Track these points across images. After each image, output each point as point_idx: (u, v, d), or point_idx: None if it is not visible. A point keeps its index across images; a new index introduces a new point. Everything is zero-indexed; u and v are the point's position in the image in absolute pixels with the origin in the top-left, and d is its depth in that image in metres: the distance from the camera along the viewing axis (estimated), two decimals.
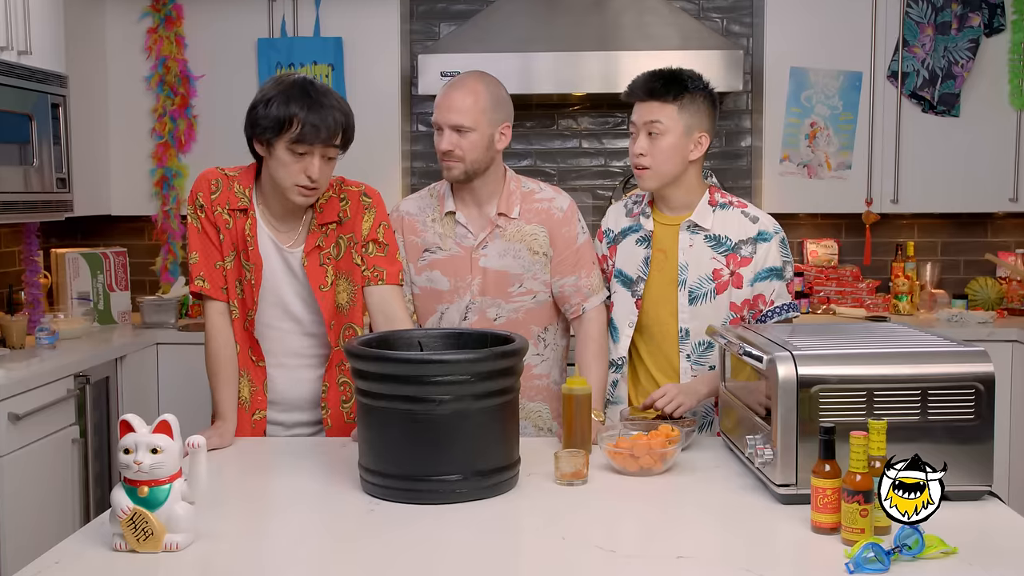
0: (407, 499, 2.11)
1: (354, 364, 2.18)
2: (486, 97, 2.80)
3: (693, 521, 2.08)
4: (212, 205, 2.68)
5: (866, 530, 1.83)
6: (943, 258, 5.07)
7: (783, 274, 2.76)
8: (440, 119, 2.80)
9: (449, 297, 2.89)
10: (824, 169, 4.69)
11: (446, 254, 2.89)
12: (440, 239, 2.89)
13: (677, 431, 2.40)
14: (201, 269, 2.70)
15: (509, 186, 2.89)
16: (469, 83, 2.81)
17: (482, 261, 2.87)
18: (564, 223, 2.88)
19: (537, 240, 2.87)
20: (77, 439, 3.76)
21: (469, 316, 2.88)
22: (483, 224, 2.88)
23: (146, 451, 1.82)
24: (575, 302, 2.90)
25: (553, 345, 2.98)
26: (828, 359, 2.09)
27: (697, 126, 2.74)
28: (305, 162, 2.55)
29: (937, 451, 2.02)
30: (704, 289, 2.76)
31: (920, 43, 4.62)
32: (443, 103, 2.80)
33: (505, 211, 2.86)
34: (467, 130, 2.77)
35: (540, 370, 2.95)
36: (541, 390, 2.96)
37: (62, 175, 4.06)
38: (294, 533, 1.98)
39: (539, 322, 2.93)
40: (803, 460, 2.04)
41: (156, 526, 1.82)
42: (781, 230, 2.78)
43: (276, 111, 2.53)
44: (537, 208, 2.89)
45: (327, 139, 2.55)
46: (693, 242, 2.77)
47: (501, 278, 2.87)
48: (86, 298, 4.56)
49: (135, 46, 4.80)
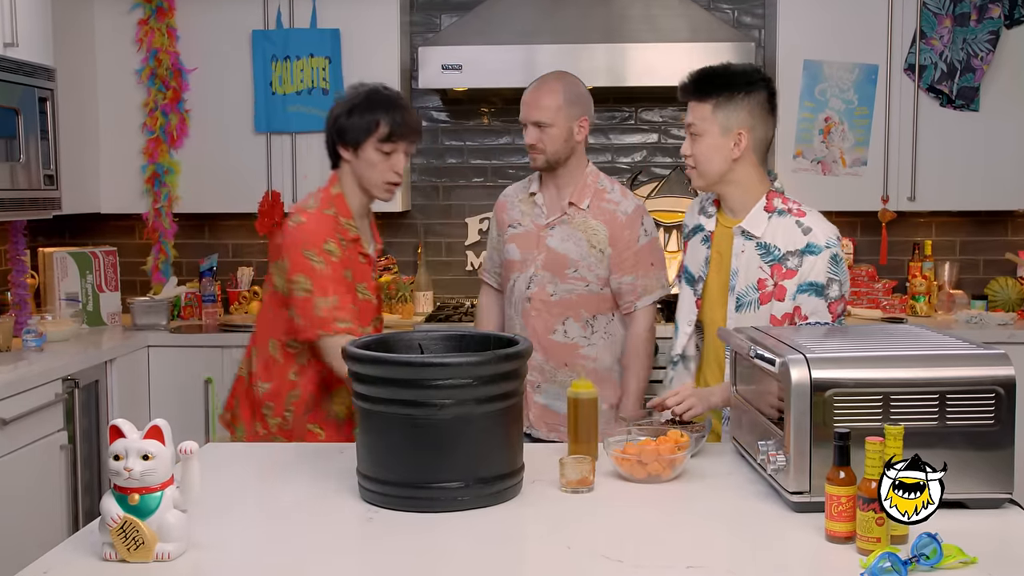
0: (407, 507, 2.11)
1: (352, 367, 2.18)
2: (564, 95, 3.26)
3: (703, 530, 2.08)
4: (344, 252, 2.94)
5: (882, 539, 1.83)
6: (962, 257, 5.07)
7: (824, 291, 2.64)
8: (524, 116, 3.29)
9: (519, 267, 3.37)
10: (839, 165, 4.69)
11: (522, 229, 3.39)
12: (521, 216, 3.41)
13: (686, 436, 2.40)
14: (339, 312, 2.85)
15: (586, 179, 3.33)
16: (549, 82, 3.31)
17: (548, 240, 3.33)
18: (626, 226, 3.30)
19: (597, 236, 3.29)
20: (65, 445, 3.76)
21: (532, 287, 3.34)
22: (556, 208, 3.35)
23: (137, 457, 1.82)
24: (629, 299, 3.32)
25: (602, 332, 3.35)
26: (843, 362, 2.09)
27: (736, 124, 2.70)
28: (392, 160, 2.95)
29: (956, 457, 2.02)
30: (749, 298, 2.73)
31: (938, 35, 4.62)
32: (527, 101, 3.30)
33: (576, 201, 3.31)
34: (547, 125, 3.24)
35: (586, 351, 3.34)
36: (588, 370, 3.30)
37: (50, 172, 4.06)
38: (290, 542, 1.98)
39: (589, 308, 3.32)
40: (817, 467, 2.04)
41: (147, 535, 1.82)
42: (836, 245, 2.66)
43: (361, 117, 2.92)
44: (604, 207, 3.31)
45: (411, 136, 2.97)
46: (745, 248, 2.75)
47: (560, 259, 3.30)
48: (74, 299, 4.56)
49: (125, 38, 4.81)
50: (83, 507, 3.88)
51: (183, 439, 1.87)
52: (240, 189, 4.80)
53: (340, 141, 2.97)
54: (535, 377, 3.33)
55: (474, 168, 5.18)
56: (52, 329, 4.21)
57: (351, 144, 2.95)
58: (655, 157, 5.14)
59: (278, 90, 4.74)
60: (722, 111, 2.70)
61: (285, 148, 4.79)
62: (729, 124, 2.70)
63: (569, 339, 3.32)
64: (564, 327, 3.31)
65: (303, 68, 4.74)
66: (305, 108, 4.75)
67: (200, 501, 1.90)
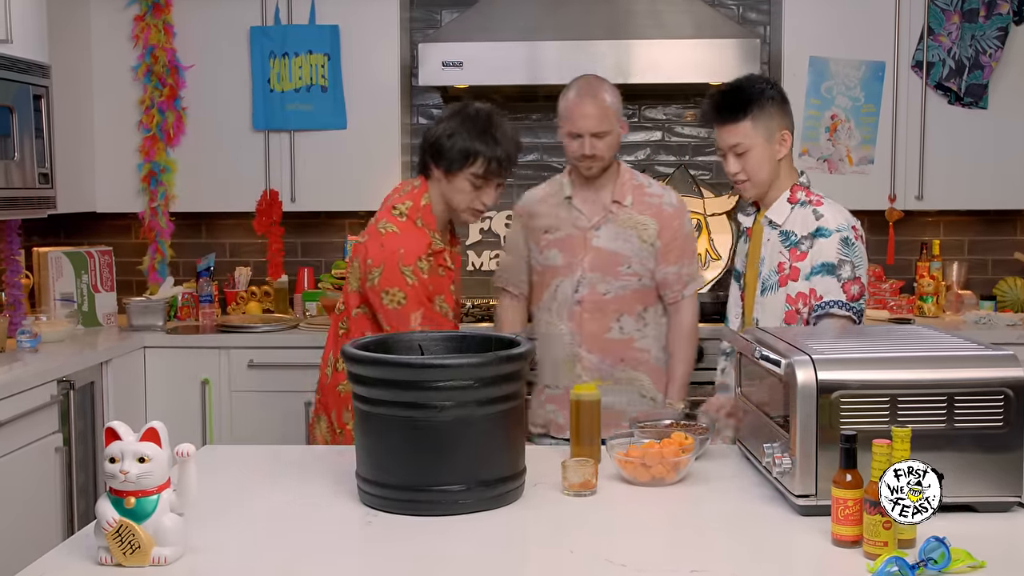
0: (407, 510, 2.12)
1: (351, 368, 2.19)
2: (611, 99, 3.31)
3: (707, 534, 2.08)
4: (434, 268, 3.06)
5: (889, 543, 1.83)
6: (970, 257, 5.07)
7: (836, 271, 2.79)
8: (580, 128, 3.26)
9: (563, 272, 3.39)
10: (845, 164, 4.69)
11: (563, 234, 3.40)
12: (557, 221, 3.41)
13: (691, 439, 2.40)
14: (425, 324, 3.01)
15: (623, 177, 3.40)
16: (594, 88, 3.31)
17: (595, 241, 3.36)
18: (675, 217, 3.39)
19: (647, 231, 3.35)
20: (60, 447, 3.77)
21: (580, 289, 3.36)
22: (597, 209, 3.38)
23: (133, 460, 1.82)
24: (676, 289, 3.39)
25: (654, 324, 3.42)
26: (849, 363, 2.09)
27: (776, 127, 2.90)
28: (483, 192, 3.06)
29: (964, 460, 2.02)
30: (771, 281, 2.91)
31: (946, 31, 4.62)
32: (578, 112, 3.26)
33: (619, 199, 3.36)
34: (605, 133, 3.27)
35: (640, 344, 3.39)
36: (643, 362, 3.39)
37: (44, 170, 4.06)
38: (288, 546, 1.98)
39: (642, 302, 3.39)
40: (823, 469, 2.04)
41: (143, 539, 1.82)
42: (847, 229, 2.84)
43: (461, 146, 3.00)
44: (648, 202, 3.38)
45: (504, 174, 3.07)
46: (770, 237, 2.95)
47: (612, 258, 3.35)
48: (70, 299, 4.56)
49: (121, 34, 4.81)
50: (78, 510, 3.88)
51: (180, 441, 1.88)
52: (238, 188, 4.81)
53: (434, 161, 3.06)
54: (589, 379, 3.31)
55: None
56: (47, 330, 4.21)
57: (444, 168, 3.04)
58: (659, 155, 5.14)
59: (276, 87, 4.74)
60: (761, 122, 2.88)
61: (283, 146, 4.79)
62: (771, 130, 2.89)
63: (625, 335, 3.37)
64: (619, 324, 3.36)
65: (301, 65, 4.74)
66: (304, 106, 4.75)
67: (197, 504, 1.91)
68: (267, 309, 5.00)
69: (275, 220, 4.82)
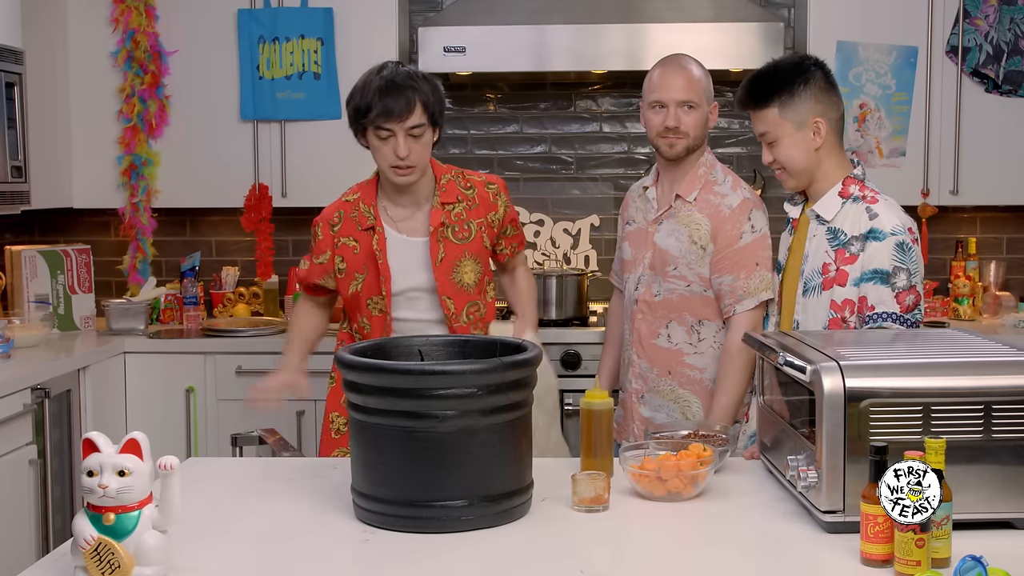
0: (406, 527, 2.12)
1: (346, 375, 2.19)
2: (702, 74, 3.26)
3: (727, 552, 2.08)
4: (335, 239, 3.17)
5: (922, 562, 1.83)
6: (1009, 256, 5.06)
7: (891, 280, 2.69)
8: (665, 97, 3.20)
9: (631, 267, 3.39)
10: (875, 156, 4.69)
11: (635, 227, 3.41)
12: (635, 213, 3.43)
13: (710, 451, 2.40)
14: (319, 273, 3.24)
15: (698, 170, 3.28)
16: (683, 61, 3.27)
17: (655, 236, 3.30)
18: (729, 220, 3.21)
19: (700, 231, 3.23)
20: (35, 460, 3.77)
21: (639, 288, 3.33)
22: (665, 201, 3.32)
23: (112, 473, 1.82)
24: (728, 302, 3.21)
25: (710, 340, 3.27)
26: (879, 369, 2.09)
27: (808, 114, 2.84)
28: (392, 143, 2.99)
29: (1002, 473, 2.02)
30: (814, 283, 2.86)
31: (983, 14, 4.61)
32: (664, 82, 3.23)
33: (683, 193, 3.26)
34: (695, 106, 3.20)
35: (692, 361, 3.28)
36: (693, 381, 3.28)
37: (18, 163, 4.07)
38: (279, 566, 1.99)
39: (693, 312, 3.27)
40: (851, 483, 2.04)
41: (124, 558, 1.83)
42: (903, 232, 2.72)
43: (357, 101, 3.00)
44: (710, 200, 3.25)
45: (400, 117, 2.95)
46: (816, 232, 2.90)
47: (663, 256, 3.28)
48: (45, 301, 4.57)
49: (100, 18, 4.81)
50: (54, 527, 3.89)
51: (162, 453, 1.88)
52: (225, 182, 4.81)
53: (353, 129, 3.11)
54: (639, 386, 3.31)
55: (479, 159, 5.17)
56: (20, 334, 4.21)
57: (356, 132, 3.09)
58: None
59: (266, 74, 4.75)
60: (788, 109, 2.84)
61: (274, 137, 4.80)
62: (801, 118, 2.84)
63: (673, 344, 3.28)
64: (668, 331, 3.28)
65: (293, 51, 4.75)
66: (295, 94, 4.75)
67: (181, 521, 1.91)
68: (256, 312, 5.00)
69: (264, 216, 4.82)
